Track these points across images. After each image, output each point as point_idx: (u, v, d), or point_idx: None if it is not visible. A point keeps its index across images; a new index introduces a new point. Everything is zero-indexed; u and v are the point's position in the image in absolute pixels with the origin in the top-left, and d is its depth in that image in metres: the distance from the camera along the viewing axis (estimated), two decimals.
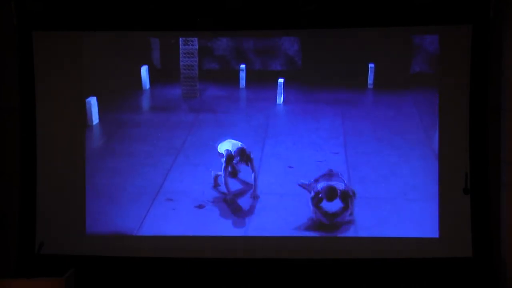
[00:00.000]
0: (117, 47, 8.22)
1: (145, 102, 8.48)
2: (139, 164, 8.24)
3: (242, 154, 8.05)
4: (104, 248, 8.09)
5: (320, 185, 7.90)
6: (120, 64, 8.23)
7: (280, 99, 8.29)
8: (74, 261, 7.84)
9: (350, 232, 7.96)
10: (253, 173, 8.12)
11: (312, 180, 7.98)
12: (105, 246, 8.10)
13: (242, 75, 8.39)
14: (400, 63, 8.15)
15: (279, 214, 8.05)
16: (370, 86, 8.17)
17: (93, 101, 8.28)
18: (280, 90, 8.27)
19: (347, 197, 7.86)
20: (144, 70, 8.39)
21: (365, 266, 7.93)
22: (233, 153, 8.05)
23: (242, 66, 8.36)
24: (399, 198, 7.99)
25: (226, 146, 8.13)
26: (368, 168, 8.11)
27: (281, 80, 8.26)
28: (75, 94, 8.18)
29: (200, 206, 8.16)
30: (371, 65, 8.12)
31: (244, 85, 8.41)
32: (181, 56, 8.43)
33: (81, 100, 8.17)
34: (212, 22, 7.87)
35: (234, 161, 8.05)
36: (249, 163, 8.09)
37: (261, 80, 8.35)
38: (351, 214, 7.93)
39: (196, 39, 8.34)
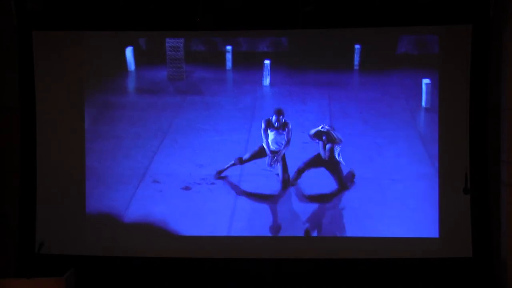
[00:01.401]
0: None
1: (131, 84, 8.42)
2: (125, 146, 8.26)
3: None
4: (104, 248, 8.10)
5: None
6: (104, 45, 8.22)
7: (266, 81, 8.28)
8: (74, 261, 7.86)
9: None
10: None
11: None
12: (105, 245, 8.11)
13: (229, 56, 8.32)
14: (386, 44, 8.12)
15: (262, 190, 8.19)
16: (356, 68, 8.17)
17: None
18: (266, 71, 8.26)
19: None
20: (129, 51, 8.34)
21: (365, 266, 7.94)
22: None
23: (228, 47, 8.31)
24: (384, 178, 8.05)
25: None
26: (354, 149, 8.13)
27: (267, 62, 8.25)
28: (74, 94, 8.18)
29: (187, 188, 8.20)
30: (357, 46, 8.13)
31: (231, 66, 8.34)
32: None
33: (81, 100, 8.17)
34: (212, 21, 7.87)
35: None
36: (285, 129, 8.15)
37: (248, 61, 8.30)
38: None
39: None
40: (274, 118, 8.13)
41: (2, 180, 8.07)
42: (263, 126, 8.16)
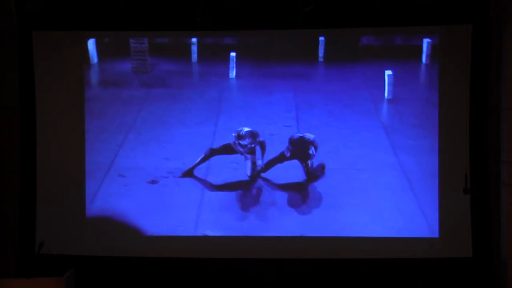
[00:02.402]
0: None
1: (94, 76, 8.29)
2: (90, 140, 8.19)
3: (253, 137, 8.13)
4: (104, 248, 8.09)
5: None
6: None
7: (232, 73, 8.22)
8: (74, 261, 7.86)
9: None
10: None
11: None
12: (105, 245, 8.11)
13: (194, 49, 8.23)
14: (349, 36, 8.12)
15: (230, 183, 8.18)
16: (321, 59, 8.17)
17: None
18: (232, 64, 8.20)
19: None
20: (91, 43, 8.23)
21: (365, 266, 7.93)
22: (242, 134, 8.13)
23: (194, 39, 8.22)
24: (349, 168, 8.10)
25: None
26: (319, 140, 8.13)
27: (233, 54, 8.19)
28: (74, 94, 8.17)
29: (153, 182, 8.17)
30: (321, 38, 8.10)
31: (196, 59, 8.26)
32: None
33: (81, 100, 8.16)
34: (212, 21, 7.86)
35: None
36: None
37: (213, 54, 8.23)
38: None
39: None
40: (246, 140, 8.12)
41: (2, 180, 8.07)
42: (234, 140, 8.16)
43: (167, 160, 8.22)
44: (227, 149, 8.20)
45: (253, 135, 8.13)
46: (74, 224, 8.13)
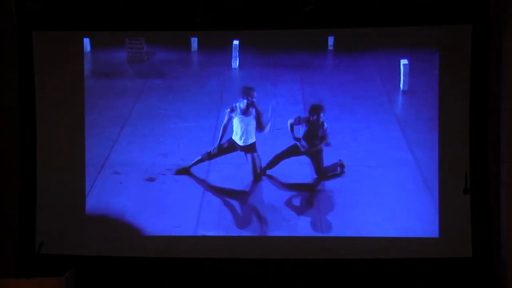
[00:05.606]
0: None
1: (86, 66, 7.95)
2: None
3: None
4: (104, 248, 8.09)
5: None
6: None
7: (235, 63, 7.86)
8: (74, 261, 7.86)
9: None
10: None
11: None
12: (105, 245, 8.10)
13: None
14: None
15: (233, 181, 7.92)
16: (330, 48, 7.81)
17: None
18: (235, 53, 7.85)
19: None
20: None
21: (365, 266, 7.93)
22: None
23: None
24: (360, 165, 7.81)
25: None
26: (329, 134, 7.85)
27: (236, 42, 7.86)
28: (74, 94, 8.17)
29: (150, 179, 7.93)
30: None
31: (196, 47, 7.90)
32: None
33: (81, 100, 8.15)
34: (212, 21, 7.84)
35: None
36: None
37: (215, 42, 7.86)
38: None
39: None
40: (240, 101, 7.69)
41: (2, 180, 8.07)
42: (226, 117, 7.80)
43: (164, 156, 7.94)
44: (224, 150, 7.92)
45: (246, 91, 7.69)
46: (74, 224, 8.11)
